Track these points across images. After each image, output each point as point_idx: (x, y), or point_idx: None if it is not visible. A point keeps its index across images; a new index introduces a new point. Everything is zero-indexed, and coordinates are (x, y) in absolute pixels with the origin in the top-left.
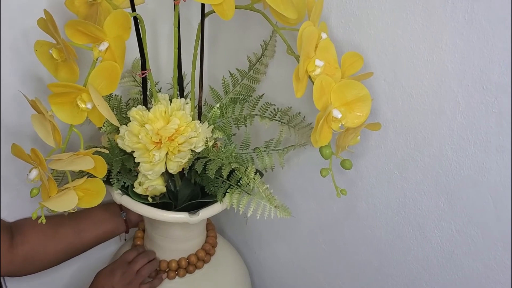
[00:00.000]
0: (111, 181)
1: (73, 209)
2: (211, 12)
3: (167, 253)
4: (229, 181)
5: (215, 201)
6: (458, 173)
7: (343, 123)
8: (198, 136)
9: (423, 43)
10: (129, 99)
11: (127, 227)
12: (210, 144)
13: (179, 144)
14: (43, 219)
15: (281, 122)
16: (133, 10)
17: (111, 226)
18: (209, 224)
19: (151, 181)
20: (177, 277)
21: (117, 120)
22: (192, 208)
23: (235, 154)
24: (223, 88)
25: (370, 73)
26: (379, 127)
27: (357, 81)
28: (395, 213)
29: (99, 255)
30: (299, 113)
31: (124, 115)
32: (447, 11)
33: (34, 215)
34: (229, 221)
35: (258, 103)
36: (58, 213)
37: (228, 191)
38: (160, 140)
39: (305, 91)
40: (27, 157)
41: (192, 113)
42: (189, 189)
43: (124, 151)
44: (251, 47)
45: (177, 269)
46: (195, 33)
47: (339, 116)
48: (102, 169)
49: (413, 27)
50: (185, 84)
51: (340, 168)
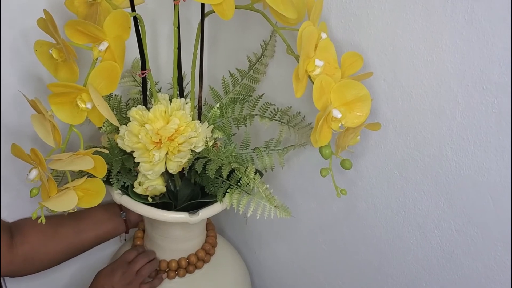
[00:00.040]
0: (111, 181)
1: (73, 209)
2: (211, 12)
3: (167, 253)
4: (229, 181)
5: (215, 201)
6: (458, 173)
7: (343, 123)
8: (198, 136)
9: (423, 43)
10: (129, 99)
11: (127, 227)
12: (210, 144)
13: (179, 144)
14: (43, 219)
15: (281, 122)
16: (133, 10)
17: (111, 226)
18: (209, 224)
19: (151, 181)
20: (177, 277)
21: (117, 120)
22: (192, 208)
23: (235, 154)
24: (223, 88)
25: (370, 73)
26: (379, 127)
27: (357, 81)
28: (395, 213)
29: (99, 255)
30: (299, 113)
31: (124, 115)
32: (447, 11)
33: (34, 215)
34: (229, 221)
35: (258, 103)
36: (58, 213)
37: (228, 191)
38: (160, 140)
39: (305, 91)
40: (27, 157)
41: (192, 113)
42: (189, 189)
43: (124, 151)
44: (251, 47)
45: (177, 269)
46: (195, 33)
47: (339, 116)
48: (102, 169)
49: (413, 27)
50: (185, 84)
51: (340, 168)
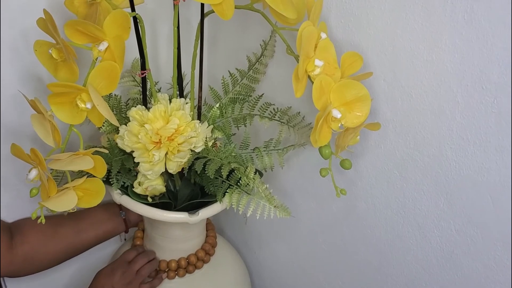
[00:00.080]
0: (110, 181)
1: (72, 209)
2: (211, 12)
3: (166, 253)
4: (229, 181)
5: (215, 201)
6: (457, 173)
7: (343, 123)
8: (197, 136)
9: (423, 43)
10: (129, 99)
11: (127, 227)
12: (209, 144)
13: (178, 144)
14: (42, 219)
15: (281, 122)
16: (133, 10)
17: (111, 226)
18: (209, 224)
19: (151, 181)
20: (176, 277)
21: (116, 120)
22: (191, 208)
23: (235, 154)
24: (223, 88)
25: (369, 73)
26: (378, 127)
27: (356, 81)
28: (395, 213)
29: (99, 255)
30: (299, 113)
31: (123, 115)
32: (446, 11)
33: (33, 215)
34: (228, 221)
35: (257, 103)
36: (57, 213)
37: (227, 191)
38: (159, 140)
39: (304, 91)
40: (26, 157)
41: (191, 113)
42: (189, 189)
43: (123, 151)
44: (250, 47)
45: (177, 269)
46: (194, 33)
47: (339, 116)
48: (101, 169)
49: (412, 27)
50: (184, 84)
51: (339, 168)
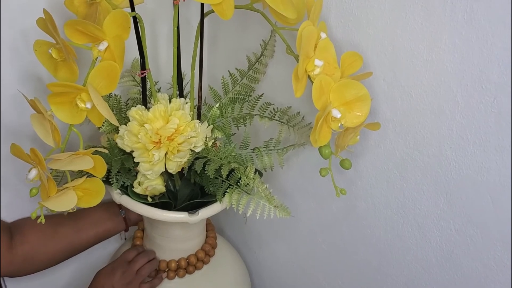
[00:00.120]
0: (110, 180)
1: (72, 209)
2: (211, 11)
3: (166, 253)
4: (229, 180)
5: (215, 201)
6: (457, 172)
7: (343, 123)
8: (197, 135)
9: (423, 43)
10: (129, 99)
11: (127, 225)
12: (209, 143)
13: (178, 143)
14: (42, 219)
15: (281, 121)
16: (133, 9)
17: (111, 224)
18: (209, 224)
19: (151, 181)
20: (176, 277)
21: (116, 119)
22: (191, 208)
23: (235, 153)
24: (223, 87)
25: (369, 72)
26: (378, 127)
27: (356, 80)
28: (395, 213)
29: (99, 254)
30: (299, 112)
31: (123, 115)
32: (446, 10)
33: (33, 215)
34: (228, 221)
35: (257, 102)
36: (57, 213)
37: (227, 190)
38: (159, 139)
39: (304, 91)
40: (26, 156)
41: (191, 112)
42: (189, 188)
43: (123, 151)
44: (250, 47)
45: (177, 269)
46: (194, 33)
47: (339, 115)
48: (101, 169)
49: (412, 26)
50: (184, 83)
51: (339, 167)
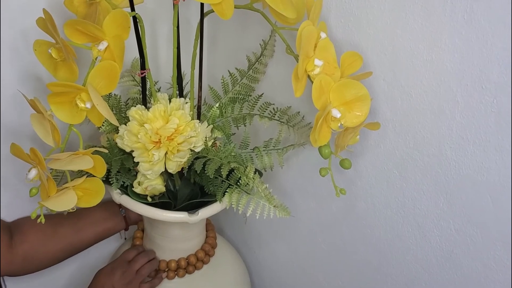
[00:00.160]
0: (110, 180)
1: (72, 209)
2: (210, 11)
3: (166, 253)
4: (229, 180)
5: (215, 201)
6: (457, 172)
7: (342, 123)
8: (197, 135)
9: (422, 43)
10: (128, 99)
11: (127, 224)
12: (209, 143)
13: (178, 143)
14: (42, 219)
15: (280, 121)
16: (132, 9)
17: (111, 224)
18: (209, 224)
19: (150, 181)
20: (176, 277)
21: (116, 119)
22: (191, 207)
23: (235, 153)
24: (223, 87)
25: (369, 72)
26: (378, 127)
27: (356, 80)
28: (394, 213)
29: (99, 254)
30: (298, 112)
31: (123, 115)
32: (446, 10)
33: (33, 215)
34: (228, 221)
35: (257, 102)
36: (57, 213)
37: (227, 190)
38: (159, 139)
39: (304, 91)
40: (26, 156)
41: (191, 112)
42: (189, 188)
43: (123, 151)
44: (250, 47)
45: (177, 269)
46: (194, 33)
47: (338, 115)
48: (101, 169)
49: (412, 26)
50: (184, 83)
51: (339, 167)
